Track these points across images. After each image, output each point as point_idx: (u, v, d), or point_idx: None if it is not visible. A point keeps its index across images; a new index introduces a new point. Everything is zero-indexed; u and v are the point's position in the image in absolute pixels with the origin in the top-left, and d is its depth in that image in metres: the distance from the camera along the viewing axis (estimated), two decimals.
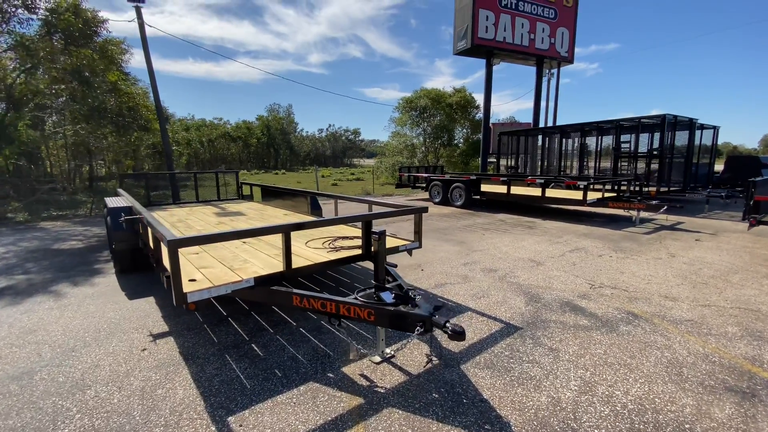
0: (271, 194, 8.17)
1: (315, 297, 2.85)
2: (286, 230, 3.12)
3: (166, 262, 3.44)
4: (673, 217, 9.89)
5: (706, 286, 4.76)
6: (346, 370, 2.90)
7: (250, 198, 9.34)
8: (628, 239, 7.59)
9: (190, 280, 3.05)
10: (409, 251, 4.33)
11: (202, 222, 6.12)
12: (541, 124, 20.05)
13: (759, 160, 13.78)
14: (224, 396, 2.58)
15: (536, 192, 10.26)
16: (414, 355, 3.12)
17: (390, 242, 4.26)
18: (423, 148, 26.78)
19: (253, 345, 3.28)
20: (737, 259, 6.04)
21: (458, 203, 11.62)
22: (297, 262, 3.46)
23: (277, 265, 3.42)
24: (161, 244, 3.32)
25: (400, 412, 2.42)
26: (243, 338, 3.41)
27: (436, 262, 5.84)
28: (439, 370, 2.89)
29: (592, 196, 9.45)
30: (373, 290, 3.05)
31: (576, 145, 14.71)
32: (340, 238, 4.60)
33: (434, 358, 3.06)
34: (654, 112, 11.18)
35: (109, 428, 2.26)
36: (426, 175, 13.44)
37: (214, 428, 2.27)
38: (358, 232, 4.84)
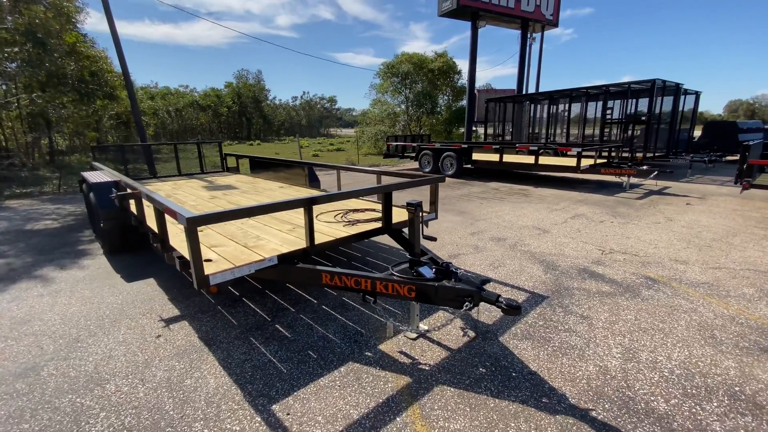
0: (261, 166, 7.73)
1: (348, 274, 2.65)
2: (308, 204, 2.86)
3: (174, 242, 3.15)
4: (660, 182, 10.13)
5: (711, 249, 4.87)
6: (383, 347, 2.77)
7: (236, 170, 8.84)
8: (622, 204, 7.71)
9: (205, 261, 2.78)
10: (426, 223, 4.16)
11: (193, 197, 5.71)
12: (524, 92, 19.87)
13: (737, 125, 14.22)
14: (261, 383, 2.40)
15: (529, 159, 10.22)
16: (449, 329, 3.02)
17: (404, 214, 4.08)
18: (405, 117, 26.20)
19: (277, 326, 3.09)
20: (731, 221, 6.24)
21: (450, 172, 11.47)
22: (318, 238, 3.23)
23: (296, 242, 3.19)
24: (165, 222, 3.01)
25: (452, 389, 2.33)
26: (264, 319, 3.20)
27: (443, 233, 5.73)
28: (479, 344, 2.81)
29: (585, 162, 9.50)
30: (407, 265, 2.88)
31: (564, 111, 14.69)
32: (351, 211, 4.36)
33: (470, 332, 2.98)
34: (625, 79, 11.24)
35: (141, 426, 2.05)
36: (416, 144, 13.14)
37: (259, 419, 2.10)
38: (371, 205, 4.62)
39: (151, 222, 3.40)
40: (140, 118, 12.92)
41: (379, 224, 3.71)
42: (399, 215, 3.97)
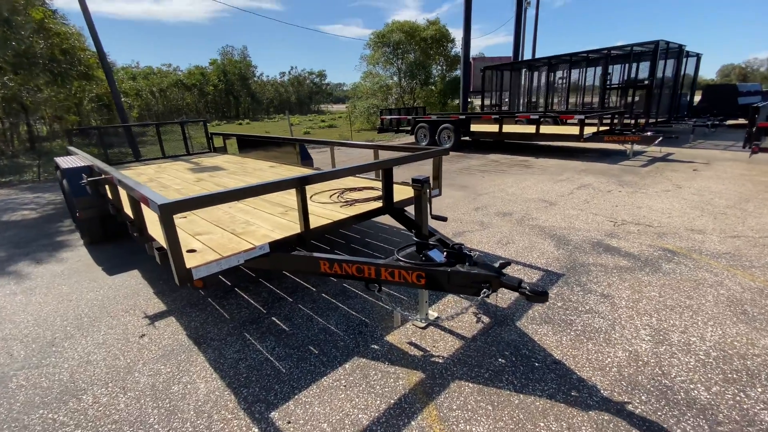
0: (249, 145, 7.31)
1: (349, 261, 2.37)
2: (300, 183, 2.54)
3: (153, 231, 2.84)
4: (664, 148, 9.84)
5: (726, 217, 4.65)
6: (390, 339, 2.53)
7: (223, 150, 8.39)
8: (628, 173, 7.44)
9: (188, 251, 2.48)
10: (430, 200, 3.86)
11: (177, 180, 5.33)
12: (520, 59, 19.15)
13: (737, 88, 13.81)
14: (258, 386, 2.16)
15: (530, 129, 9.84)
16: (460, 315, 2.78)
17: (405, 191, 3.78)
18: (398, 89, 25.39)
19: (273, 318, 2.83)
20: (741, 187, 6.00)
21: (447, 145, 11.06)
22: (314, 221, 2.93)
23: (290, 226, 2.89)
24: (143, 209, 2.68)
25: (470, 384, 2.10)
26: (259, 311, 2.94)
27: (446, 209, 5.44)
28: (494, 331, 2.58)
29: (588, 130, 9.16)
30: (414, 248, 2.60)
31: (562, 78, 14.16)
32: (347, 190, 4.04)
33: (484, 317, 2.74)
34: (618, 44, 10.65)
35: None
36: (411, 117, 12.64)
37: (256, 430, 1.86)
38: (368, 183, 4.30)
39: (128, 209, 3.07)
40: (119, 98, 12.24)
41: (379, 203, 3.41)
42: (400, 193, 3.67)
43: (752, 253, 3.61)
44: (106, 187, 3.76)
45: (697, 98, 15.44)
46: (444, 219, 2.80)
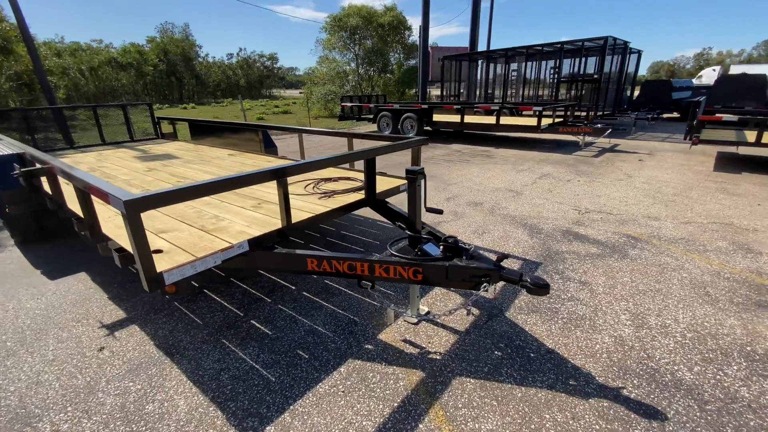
0: (203, 131, 6.76)
1: (339, 258, 2.22)
2: (280, 175, 2.33)
3: (108, 229, 2.49)
4: (612, 139, 10.51)
5: (676, 204, 5.04)
6: (384, 337, 2.42)
7: (173, 136, 7.72)
8: (583, 163, 7.86)
9: (153, 252, 2.19)
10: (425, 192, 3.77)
11: (124, 170, 4.79)
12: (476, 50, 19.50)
13: (671, 83, 15.10)
14: (246, 398, 1.96)
15: (491, 120, 10.06)
16: (448, 307, 2.74)
17: (386, 182, 3.67)
18: (356, 76, 24.91)
19: (253, 322, 2.61)
20: (683, 176, 6.55)
21: (410, 134, 11.03)
22: (294, 215, 2.72)
23: (267, 221, 2.66)
24: (92, 203, 2.33)
25: (472, 380, 2.06)
26: (235, 315, 2.70)
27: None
28: (486, 323, 2.57)
29: (544, 122, 9.53)
30: (406, 242, 2.51)
31: (514, 71, 14.61)
32: (323, 180, 3.84)
33: (474, 309, 2.72)
34: (562, 39, 11.24)
35: None
36: (373, 105, 12.42)
37: None
38: (344, 172, 4.12)
39: (74, 204, 2.66)
40: (45, 76, 10.82)
41: (360, 195, 3.26)
42: (386, 183, 3.56)
43: (704, 237, 3.93)
44: (43, 179, 3.26)
45: (637, 93, 16.69)
46: (440, 212, 2.72)
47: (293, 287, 3.05)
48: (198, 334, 2.50)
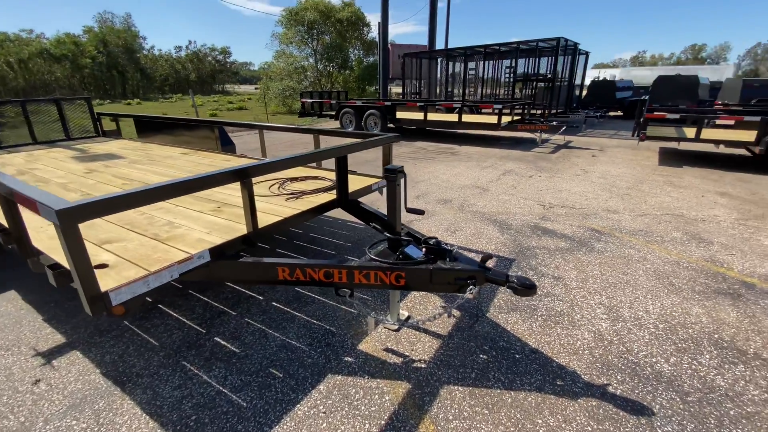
0: (152, 128, 6.22)
1: (314, 265, 2.04)
2: (245, 175, 2.11)
3: (40, 240, 2.14)
4: (566, 136, 10.98)
5: (631, 197, 5.30)
6: (364, 347, 2.27)
7: (116, 134, 7.04)
8: (541, 159, 8.13)
9: (97, 267, 1.90)
10: (380, 190, 3.64)
11: (60, 172, 4.25)
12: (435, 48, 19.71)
13: (615, 84, 16.12)
14: (215, 429, 1.74)
15: (453, 118, 10.16)
16: (428, 310, 2.64)
17: (357, 181, 3.51)
18: (315, 72, 24.34)
19: (217, 339, 2.36)
20: (633, 170, 6.95)
21: (375, 131, 10.89)
22: (261, 219, 2.50)
23: (230, 226, 2.42)
24: (19, 213, 1.98)
25: (460, 388, 1.97)
26: (197, 332, 2.43)
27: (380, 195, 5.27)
28: (468, 324, 2.50)
29: (504, 119, 9.76)
30: (386, 245, 2.37)
31: (471, 69, 14.91)
32: (288, 180, 3.61)
33: (453, 310, 2.65)
34: (513, 39, 11.75)
35: None
36: (334, 101, 12.13)
37: None
38: (311, 171, 3.90)
39: None
40: None
41: (329, 195, 3.08)
42: (358, 182, 3.40)
43: (660, 229, 4.14)
44: None
45: (584, 92, 17.65)
46: (421, 212, 2.60)
47: (261, 297, 2.81)
48: (153, 357, 2.21)
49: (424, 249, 2.14)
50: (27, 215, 2.01)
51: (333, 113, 12.20)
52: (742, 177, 6.47)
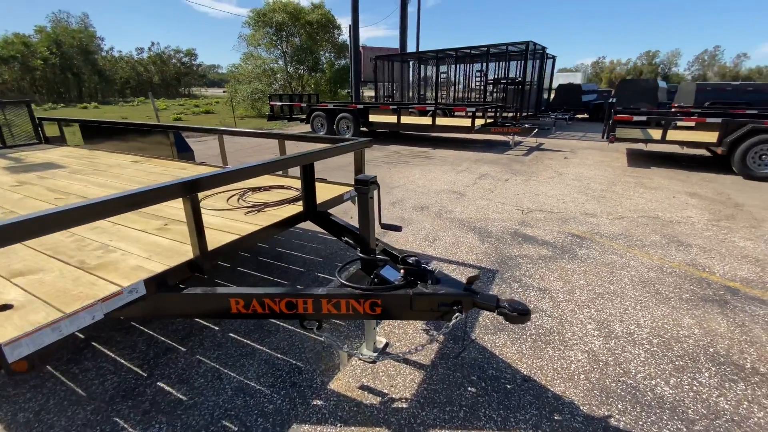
0: (100, 133, 5.66)
1: (274, 295, 1.74)
2: (189, 190, 1.76)
3: None
4: (536, 139, 11.08)
5: (606, 200, 5.26)
6: (336, 386, 1.97)
7: (60, 141, 6.39)
8: (515, 162, 8.09)
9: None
10: (353, 199, 3.35)
11: None
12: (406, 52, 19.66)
13: (581, 87, 16.58)
14: None
15: (427, 121, 10.01)
16: (410, 335, 2.38)
17: (327, 190, 3.22)
18: (285, 74, 23.75)
19: (161, 384, 1.99)
20: (605, 172, 7.00)
21: (347, 135, 10.59)
22: (214, 239, 2.16)
23: (175, 249, 2.07)
24: None
25: None
26: (136, 376, 2.05)
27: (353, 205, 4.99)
28: (452, 350, 2.25)
29: (477, 122, 9.71)
30: (358, 266, 2.08)
31: (447, 72, 14.92)
32: (250, 190, 3.26)
33: (435, 333, 2.39)
34: (483, 43, 11.87)
35: None
36: (305, 104, 11.73)
37: None
38: (275, 180, 3.56)
39: None
40: None
41: (296, 207, 2.77)
42: (328, 191, 3.12)
43: (639, 232, 4.07)
44: None
45: (552, 95, 18.06)
46: (398, 229, 2.33)
47: (216, 328, 2.45)
48: (80, 412, 1.82)
49: (402, 270, 1.87)
50: None
51: (304, 117, 11.79)
52: (707, 177, 6.64)
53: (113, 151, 5.22)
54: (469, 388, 1.96)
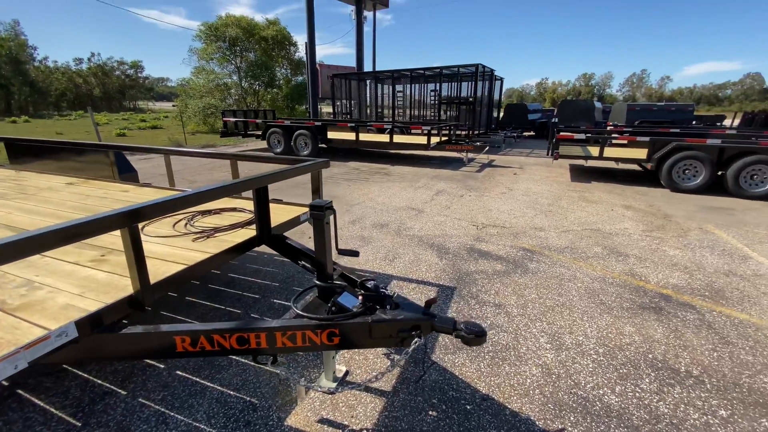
0: (29, 152, 5.18)
1: (222, 330, 1.65)
2: (130, 220, 1.65)
3: None
4: (488, 156, 11.61)
5: (553, 214, 5.59)
6: (293, 422, 1.89)
7: None
8: (469, 178, 8.41)
9: None
10: (311, 221, 3.29)
11: None
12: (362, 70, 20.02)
13: (526, 107, 17.72)
14: None
15: (385, 138, 10.17)
16: (371, 360, 2.34)
17: (283, 212, 3.15)
18: (239, 89, 23.22)
19: None
20: (551, 187, 7.46)
21: (305, 152, 10.49)
22: (157, 270, 2.02)
23: (113, 283, 1.91)
24: None
25: None
26: (69, 425, 1.84)
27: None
28: (413, 373, 2.24)
29: (433, 140, 10.02)
30: (315, 293, 2.03)
31: (403, 91, 15.34)
32: (200, 214, 3.12)
33: (396, 357, 2.37)
34: (434, 64, 12.53)
35: None
36: (260, 121, 11.50)
37: None
38: (227, 202, 3.42)
39: None
40: None
41: (249, 231, 2.68)
42: (284, 213, 3.04)
43: (583, 244, 4.35)
44: None
45: (501, 114, 19.10)
46: (355, 254, 2.31)
47: (161, 366, 2.27)
48: None
49: (360, 296, 1.85)
50: None
51: (259, 133, 11.54)
52: (640, 190, 7.27)
53: (45, 172, 4.78)
54: (431, 412, 1.95)
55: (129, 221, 1.61)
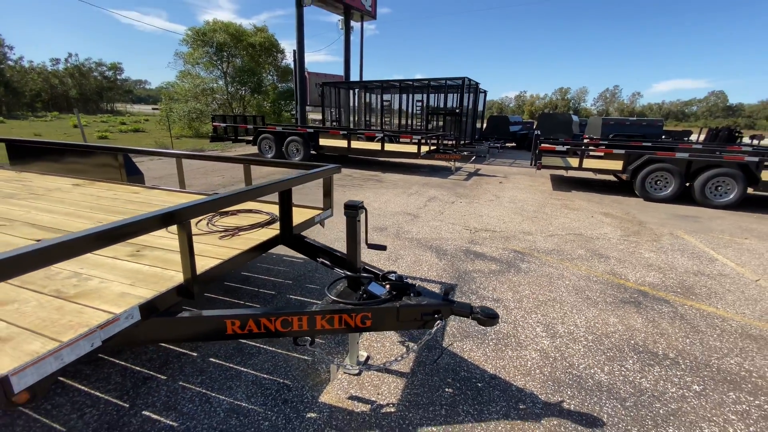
0: (31, 154, 5.20)
1: (269, 314, 1.86)
2: (183, 216, 1.83)
3: None
4: (474, 165, 12.07)
5: (539, 220, 5.98)
6: (326, 399, 2.10)
7: None
8: (458, 186, 8.78)
9: None
10: (322, 222, 3.52)
11: None
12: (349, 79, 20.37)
13: (508, 119, 18.44)
14: None
15: (376, 146, 10.47)
16: (386, 347, 2.58)
17: (299, 214, 3.36)
18: (226, 94, 23.14)
19: (147, 413, 1.96)
20: (535, 195, 7.90)
21: (297, 158, 10.65)
22: (198, 264, 2.20)
23: (157, 274, 2.09)
24: None
25: (434, 429, 1.92)
26: (117, 407, 1.99)
27: (326, 227, 5.10)
28: (428, 357, 2.49)
29: (423, 149, 10.38)
30: (345, 284, 2.26)
31: (387, 101, 15.74)
32: (219, 215, 3.29)
33: (410, 344, 2.62)
34: (418, 76, 13.12)
35: None
36: (251, 126, 11.61)
37: None
38: (242, 204, 3.60)
39: None
40: None
41: (270, 230, 2.88)
42: (299, 215, 3.24)
43: (568, 247, 4.72)
44: None
45: (485, 125, 19.77)
46: (383, 248, 2.54)
47: (194, 354, 2.44)
48: None
49: (387, 285, 2.09)
50: None
51: (250, 138, 11.64)
52: (616, 199, 7.80)
53: (49, 173, 4.82)
54: (447, 389, 2.20)
55: (175, 220, 1.78)
